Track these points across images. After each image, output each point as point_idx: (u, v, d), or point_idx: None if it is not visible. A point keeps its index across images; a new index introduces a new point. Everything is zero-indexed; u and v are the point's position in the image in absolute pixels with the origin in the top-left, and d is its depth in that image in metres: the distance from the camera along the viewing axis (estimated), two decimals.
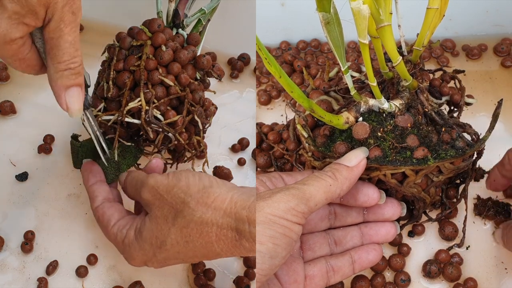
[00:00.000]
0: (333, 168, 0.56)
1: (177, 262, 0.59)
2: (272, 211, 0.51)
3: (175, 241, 0.56)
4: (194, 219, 0.55)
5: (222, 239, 0.55)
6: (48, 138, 0.74)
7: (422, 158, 0.57)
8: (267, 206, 0.51)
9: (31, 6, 0.51)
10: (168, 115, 0.64)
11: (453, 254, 0.67)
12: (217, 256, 0.57)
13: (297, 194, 0.52)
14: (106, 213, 0.61)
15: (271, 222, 0.51)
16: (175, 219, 0.56)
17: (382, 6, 0.53)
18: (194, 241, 0.55)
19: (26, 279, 0.65)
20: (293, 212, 0.51)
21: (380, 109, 0.59)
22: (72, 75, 0.55)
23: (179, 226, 0.56)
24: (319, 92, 0.66)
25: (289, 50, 0.87)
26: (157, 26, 0.65)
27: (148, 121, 0.62)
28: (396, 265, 0.66)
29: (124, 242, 0.59)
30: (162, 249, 0.57)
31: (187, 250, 0.56)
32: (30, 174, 0.72)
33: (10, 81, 0.80)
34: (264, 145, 0.75)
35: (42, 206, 0.70)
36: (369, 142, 0.58)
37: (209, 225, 0.55)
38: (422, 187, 0.61)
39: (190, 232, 0.55)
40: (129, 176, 0.62)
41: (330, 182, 0.54)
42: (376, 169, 0.58)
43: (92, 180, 0.64)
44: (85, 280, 0.65)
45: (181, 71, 0.65)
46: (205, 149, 0.70)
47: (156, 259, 0.58)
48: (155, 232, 0.57)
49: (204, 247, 0.56)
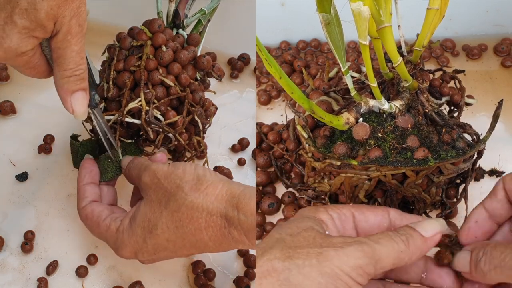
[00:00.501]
0: (408, 233, 0.51)
1: (167, 254, 0.59)
2: (341, 264, 0.47)
3: (166, 225, 0.57)
4: (186, 203, 0.57)
5: (211, 225, 0.56)
6: (48, 138, 0.74)
7: (422, 158, 0.57)
8: (337, 257, 0.47)
9: (40, 20, 0.53)
10: (168, 116, 0.64)
11: None
12: (205, 247, 0.58)
13: (368, 253, 0.48)
14: (95, 210, 0.62)
15: (337, 276, 0.47)
16: (168, 202, 0.57)
17: (382, 7, 0.53)
18: (184, 227, 0.57)
19: (26, 279, 0.65)
20: (360, 272, 0.48)
21: (381, 109, 0.59)
22: (77, 81, 0.58)
23: (171, 210, 0.57)
24: (319, 93, 0.66)
25: (289, 50, 0.87)
26: (157, 26, 0.65)
27: (148, 121, 0.63)
28: None
29: (119, 230, 0.60)
30: (152, 233, 0.58)
31: (176, 237, 0.57)
32: (30, 174, 0.72)
33: (10, 81, 0.80)
34: (264, 145, 0.75)
35: (42, 206, 0.70)
36: (370, 143, 0.58)
37: (199, 210, 0.56)
38: (423, 188, 0.61)
39: (181, 216, 0.57)
40: (135, 160, 0.64)
41: (402, 248, 0.50)
42: (377, 169, 0.58)
43: (87, 180, 0.64)
44: (85, 280, 0.65)
45: (181, 72, 0.65)
46: (205, 149, 0.70)
47: (146, 247, 0.58)
48: (148, 214, 0.58)
49: (193, 234, 0.57)
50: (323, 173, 0.64)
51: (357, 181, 0.60)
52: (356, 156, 0.59)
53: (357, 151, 0.60)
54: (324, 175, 0.64)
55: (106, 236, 0.61)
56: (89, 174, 0.64)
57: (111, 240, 0.60)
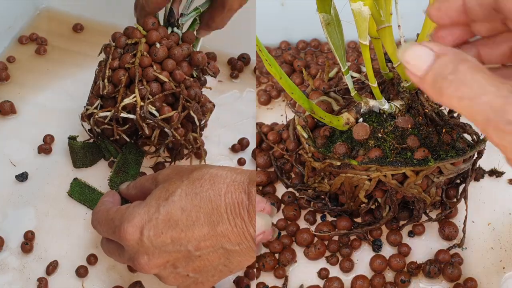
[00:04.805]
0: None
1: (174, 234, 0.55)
2: None
3: (184, 192, 0.56)
4: (210, 171, 0.57)
5: (231, 191, 0.55)
6: (48, 138, 0.74)
7: (422, 159, 0.57)
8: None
9: None
10: (163, 111, 0.64)
11: (453, 254, 0.67)
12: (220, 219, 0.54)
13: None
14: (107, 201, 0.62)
15: None
16: (191, 173, 0.57)
17: (382, 7, 0.53)
18: (203, 192, 0.55)
19: (26, 279, 0.65)
20: None
21: (381, 110, 0.59)
22: None
23: (193, 178, 0.56)
24: (319, 93, 0.66)
25: (289, 50, 0.87)
26: (152, 24, 0.66)
27: (143, 116, 0.63)
28: (396, 265, 0.66)
29: (129, 207, 0.58)
30: (168, 200, 0.55)
31: (192, 206, 0.55)
32: (30, 174, 0.72)
33: (10, 81, 0.80)
34: (264, 145, 0.75)
35: (42, 206, 0.70)
36: (369, 143, 0.58)
37: (223, 177, 0.56)
38: (423, 188, 0.61)
39: (203, 183, 0.56)
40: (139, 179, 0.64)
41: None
42: (377, 170, 0.58)
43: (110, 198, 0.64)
44: (85, 280, 0.65)
45: (176, 68, 0.66)
46: (202, 146, 0.70)
47: (156, 219, 0.55)
48: (166, 186, 0.57)
49: (211, 201, 0.54)
50: (323, 173, 0.64)
51: (357, 181, 0.60)
52: (356, 156, 0.59)
53: (357, 151, 0.60)
54: (324, 175, 0.64)
55: (113, 216, 0.58)
56: (112, 195, 0.65)
57: (118, 216, 0.57)
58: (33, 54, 0.84)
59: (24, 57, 0.84)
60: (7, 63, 0.82)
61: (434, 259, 0.67)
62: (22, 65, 0.83)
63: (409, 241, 0.68)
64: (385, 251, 0.67)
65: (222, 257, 0.56)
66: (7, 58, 0.83)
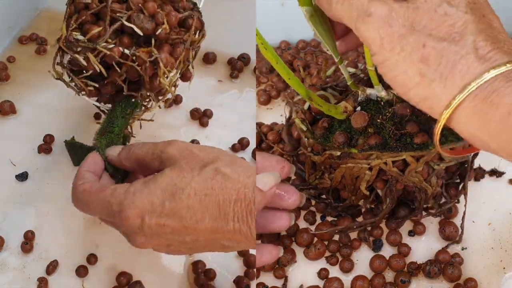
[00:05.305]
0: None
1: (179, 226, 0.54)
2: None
3: (194, 191, 0.54)
4: (223, 171, 0.54)
5: (241, 199, 0.53)
6: (48, 138, 0.74)
7: (422, 143, 0.57)
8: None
9: None
10: (86, 30, 0.59)
11: (453, 254, 0.66)
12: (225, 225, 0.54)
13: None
14: (95, 184, 0.58)
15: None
16: (203, 168, 0.55)
17: None
18: (213, 195, 0.54)
19: (26, 279, 0.65)
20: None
21: (378, 97, 0.59)
22: None
23: (205, 177, 0.54)
24: (316, 89, 0.66)
25: (289, 50, 0.87)
26: None
27: (67, 45, 0.59)
28: (396, 265, 0.66)
29: (128, 190, 0.55)
30: (176, 197, 0.54)
31: (200, 206, 0.54)
32: (30, 174, 0.72)
33: (10, 81, 0.80)
34: (263, 145, 0.75)
35: (42, 206, 0.70)
36: (368, 131, 0.58)
37: (234, 182, 0.54)
38: (424, 177, 0.60)
39: (214, 184, 0.54)
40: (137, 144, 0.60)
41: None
42: (377, 157, 0.58)
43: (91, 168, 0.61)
44: (85, 280, 0.65)
45: None
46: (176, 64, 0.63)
47: (160, 212, 0.54)
48: (174, 179, 0.55)
49: (219, 206, 0.54)
50: (323, 167, 0.64)
51: (358, 171, 0.60)
52: (355, 145, 0.59)
53: (357, 139, 0.59)
54: (325, 169, 0.64)
55: (110, 200, 0.55)
56: (94, 164, 0.61)
57: (116, 201, 0.55)
58: (33, 54, 0.84)
59: (24, 57, 0.84)
60: (7, 63, 0.82)
61: (434, 259, 0.67)
62: (22, 65, 0.83)
63: (409, 241, 0.68)
64: (385, 251, 0.67)
65: (218, 248, 0.56)
66: (7, 58, 0.83)
